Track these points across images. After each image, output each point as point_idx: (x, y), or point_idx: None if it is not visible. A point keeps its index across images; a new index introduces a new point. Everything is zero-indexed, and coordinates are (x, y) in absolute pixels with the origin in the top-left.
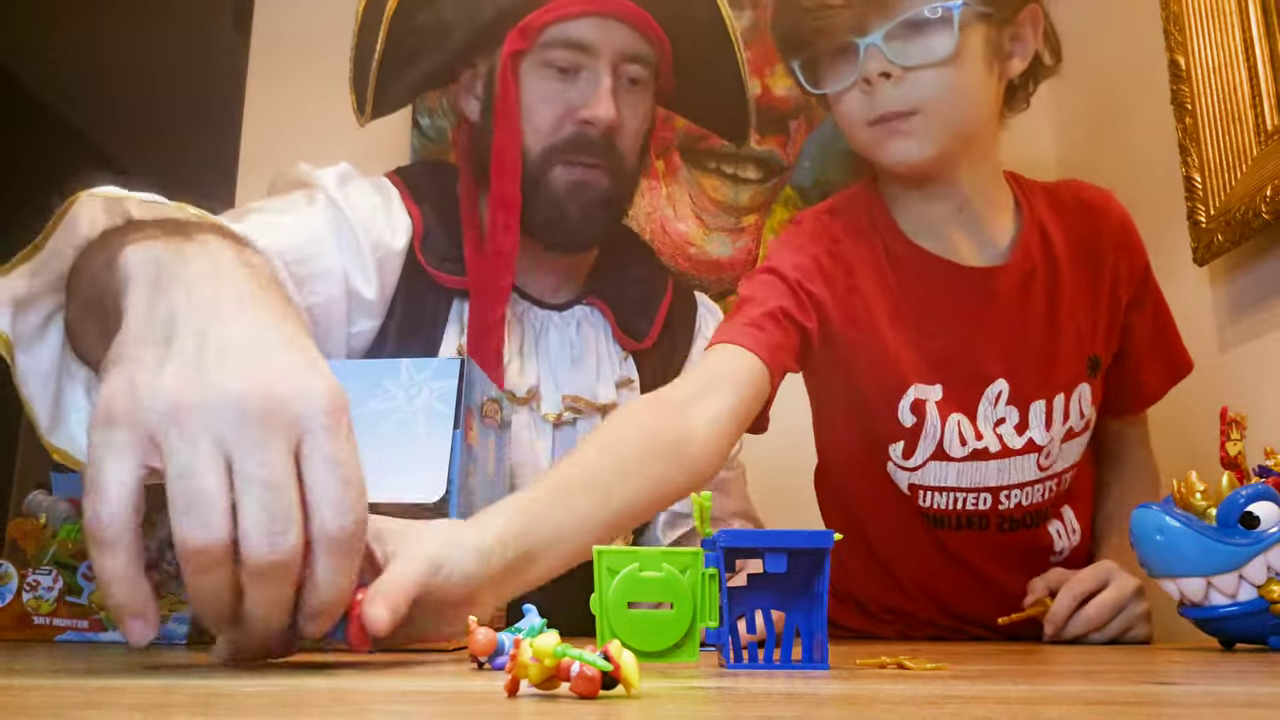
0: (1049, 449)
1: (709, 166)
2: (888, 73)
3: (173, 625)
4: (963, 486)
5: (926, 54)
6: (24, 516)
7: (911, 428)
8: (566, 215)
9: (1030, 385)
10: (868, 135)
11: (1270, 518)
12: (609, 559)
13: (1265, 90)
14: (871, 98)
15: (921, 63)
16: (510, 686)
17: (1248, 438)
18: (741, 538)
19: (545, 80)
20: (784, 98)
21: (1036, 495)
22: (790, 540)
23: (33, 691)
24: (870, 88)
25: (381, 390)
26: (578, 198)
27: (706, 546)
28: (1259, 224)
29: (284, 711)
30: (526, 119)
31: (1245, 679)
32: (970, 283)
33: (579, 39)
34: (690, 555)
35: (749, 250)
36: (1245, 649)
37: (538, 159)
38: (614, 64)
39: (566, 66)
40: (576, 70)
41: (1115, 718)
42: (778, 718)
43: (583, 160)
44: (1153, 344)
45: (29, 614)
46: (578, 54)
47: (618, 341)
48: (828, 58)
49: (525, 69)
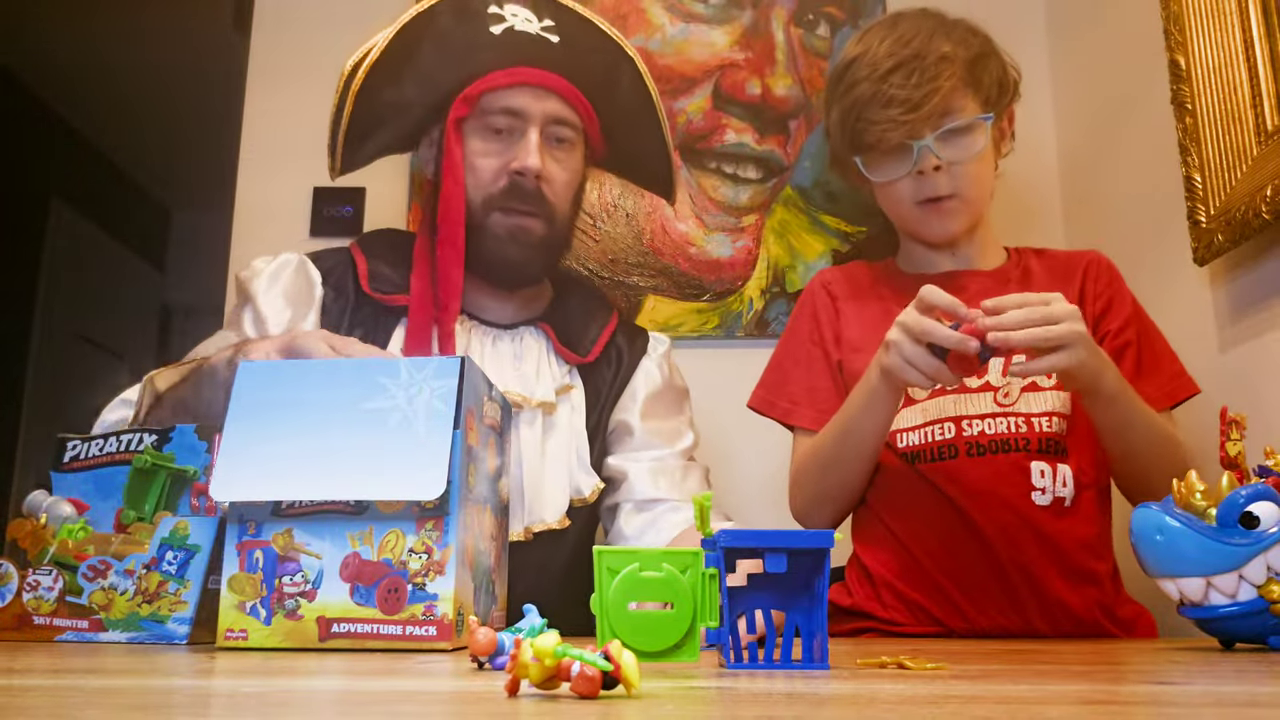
0: (1005, 389)
1: (709, 166)
2: (937, 166)
3: (172, 625)
4: (929, 420)
5: (967, 152)
6: (24, 517)
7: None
8: (508, 256)
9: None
10: (915, 213)
11: (1270, 518)
12: (609, 559)
13: (1265, 90)
14: (921, 184)
15: (963, 158)
16: (511, 686)
17: (1247, 438)
18: (742, 538)
19: (485, 141)
20: (784, 98)
21: (1001, 426)
22: (790, 540)
23: (33, 691)
24: (921, 177)
25: (381, 389)
26: (517, 240)
27: (706, 546)
28: (1259, 224)
29: (284, 711)
30: (469, 173)
31: (1245, 679)
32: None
33: (511, 105)
34: (690, 555)
35: (749, 250)
36: (1245, 649)
37: (479, 207)
38: (542, 125)
39: (502, 128)
40: (510, 131)
41: (1115, 717)
42: (778, 718)
43: (517, 207)
44: (1136, 355)
45: (29, 614)
46: (510, 118)
47: (560, 355)
48: (883, 155)
49: (468, 132)
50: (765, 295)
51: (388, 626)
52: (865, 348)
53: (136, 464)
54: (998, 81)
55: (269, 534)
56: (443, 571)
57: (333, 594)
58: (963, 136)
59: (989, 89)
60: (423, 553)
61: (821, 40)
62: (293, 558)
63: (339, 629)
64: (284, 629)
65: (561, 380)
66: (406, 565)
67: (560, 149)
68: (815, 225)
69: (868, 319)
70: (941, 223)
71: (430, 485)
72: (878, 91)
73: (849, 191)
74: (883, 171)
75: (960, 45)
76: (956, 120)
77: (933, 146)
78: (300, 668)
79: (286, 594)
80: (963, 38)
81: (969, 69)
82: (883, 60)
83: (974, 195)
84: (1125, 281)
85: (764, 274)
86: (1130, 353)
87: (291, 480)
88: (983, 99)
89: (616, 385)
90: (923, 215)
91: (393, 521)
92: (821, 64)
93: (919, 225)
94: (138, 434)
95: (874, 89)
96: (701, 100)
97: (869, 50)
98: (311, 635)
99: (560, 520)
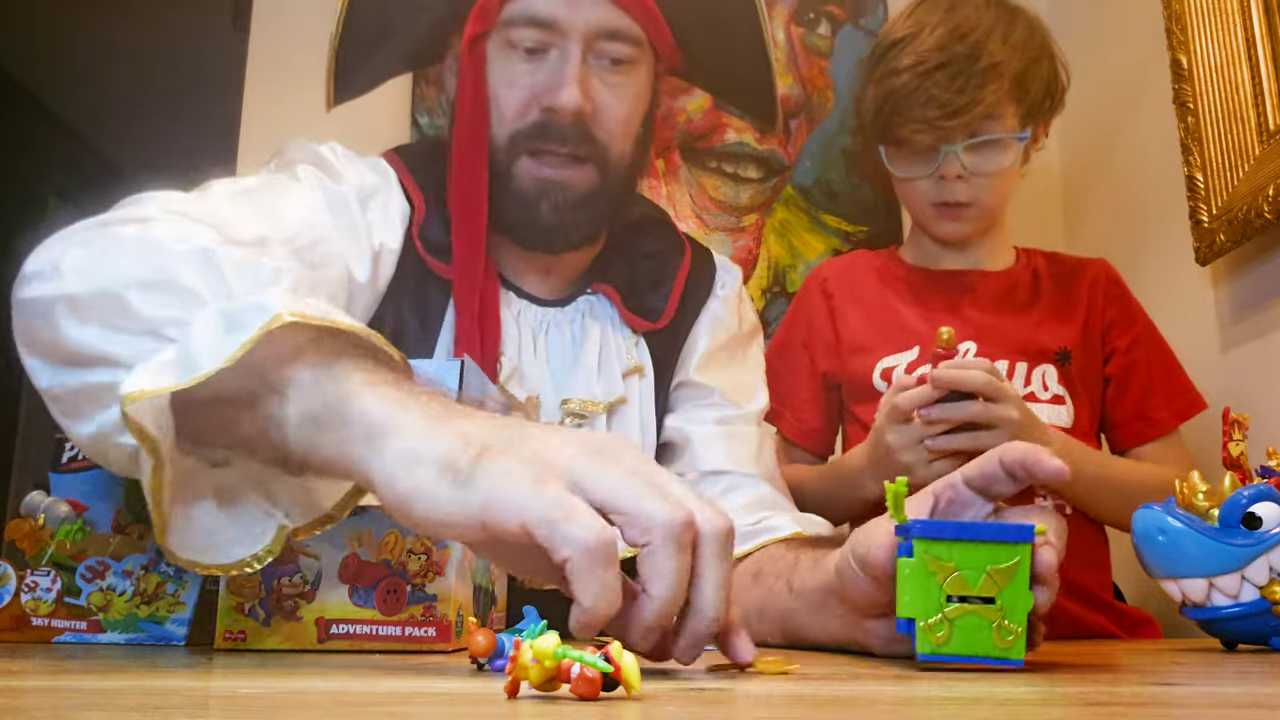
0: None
1: (709, 166)
2: (961, 175)
3: (172, 626)
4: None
5: (995, 165)
6: (22, 517)
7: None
8: (538, 216)
9: (993, 349)
10: (929, 212)
11: (1272, 518)
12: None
13: (1267, 89)
14: (941, 187)
15: (990, 171)
16: (510, 688)
17: (1250, 438)
18: (939, 529)
19: (510, 62)
20: (784, 96)
21: None
22: (990, 533)
23: (32, 692)
24: (943, 181)
25: None
26: (550, 197)
27: (900, 534)
28: (1261, 224)
29: (284, 712)
30: (492, 104)
31: (1247, 680)
32: (948, 281)
33: (542, 15)
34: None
35: (749, 250)
36: (1247, 650)
37: (504, 147)
38: (587, 42)
39: (533, 46)
40: (544, 50)
41: (1116, 718)
42: (779, 718)
43: (553, 150)
44: (1146, 374)
45: (27, 615)
46: (543, 32)
47: (627, 324)
48: (908, 152)
49: (491, 51)
50: (766, 295)
51: (387, 628)
52: (868, 347)
53: None
54: (1045, 91)
55: None
56: (442, 572)
57: (331, 595)
58: (992, 150)
59: (1034, 102)
60: (422, 553)
61: (822, 39)
62: (291, 559)
63: (338, 630)
64: (282, 630)
65: (627, 361)
66: (405, 566)
67: (616, 71)
68: (816, 225)
69: (870, 316)
70: (955, 226)
71: None
72: (919, 88)
73: (850, 190)
74: (905, 167)
75: (1016, 51)
76: (991, 134)
77: (960, 155)
78: (299, 669)
79: (285, 595)
80: (1021, 41)
81: (1018, 81)
82: (931, 53)
83: (991, 204)
84: (1131, 292)
85: (765, 274)
86: (1139, 371)
87: None
88: (1024, 112)
89: (682, 343)
90: (936, 216)
91: (392, 522)
92: (822, 63)
93: (931, 224)
94: None
95: (916, 84)
96: (702, 99)
97: (919, 34)
98: (310, 636)
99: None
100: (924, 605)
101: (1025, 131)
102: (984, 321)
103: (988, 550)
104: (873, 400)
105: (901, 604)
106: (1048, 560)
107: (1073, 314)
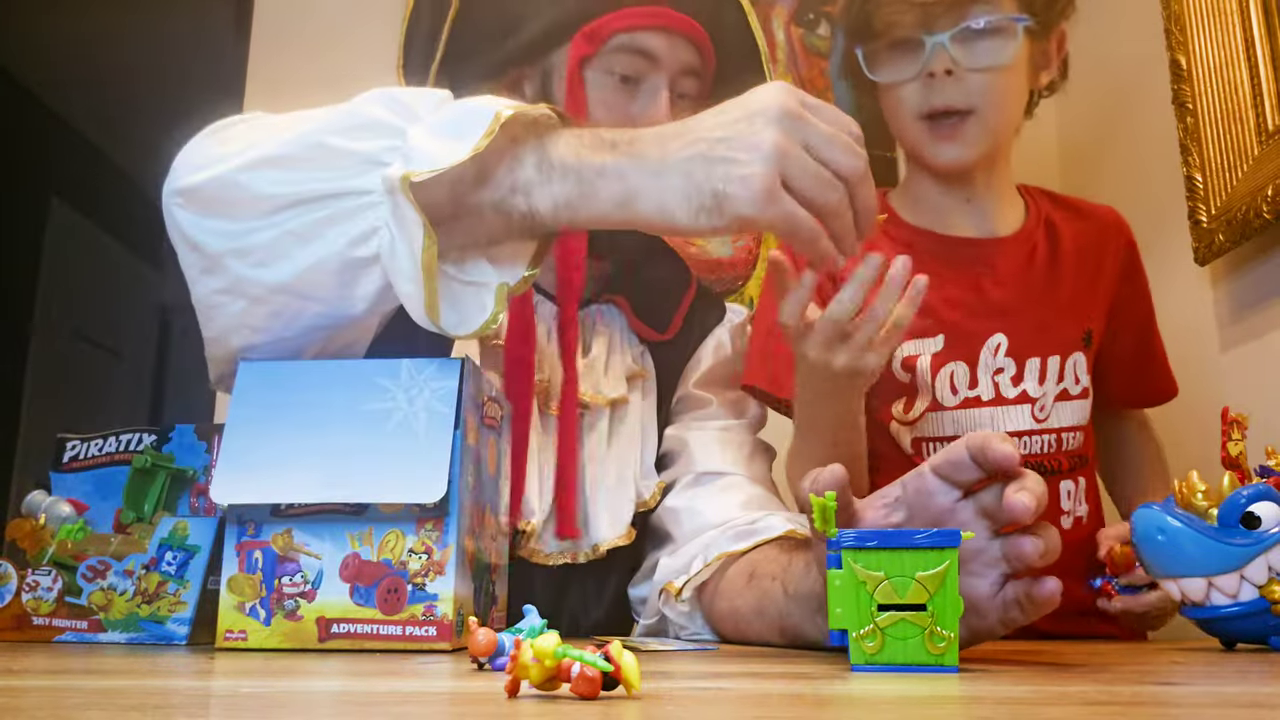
0: (1042, 402)
1: None
2: (950, 70)
3: (173, 625)
4: (960, 431)
5: (991, 58)
6: (23, 517)
7: (908, 384)
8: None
9: (1026, 343)
10: (918, 129)
11: (1271, 518)
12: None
13: (1266, 90)
14: (929, 90)
15: (985, 66)
16: (510, 687)
17: (1249, 438)
18: (865, 538)
19: (606, 88)
20: None
21: (1036, 446)
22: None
23: (33, 692)
24: (931, 81)
25: (381, 390)
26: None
27: (830, 547)
28: (1260, 224)
29: (283, 712)
30: (589, 123)
31: (1247, 679)
32: (964, 251)
33: (648, 48)
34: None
35: (749, 250)
36: (1246, 649)
37: None
38: (672, 78)
39: (630, 75)
40: (638, 80)
41: (1116, 718)
42: (778, 718)
43: None
44: (1134, 354)
45: (28, 614)
46: (643, 63)
47: (635, 332)
48: (890, 50)
49: (587, 74)
50: None
51: (387, 627)
52: None
53: (136, 464)
54: None
55: (268, 534)
56: (442, 572)
57: (332, 594)
58: (988, 39)
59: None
60: (422, 553)
61: (822, 40)
62: (292, 558)
63: (338, 629)
64: (283, 630)
65: (631, 366)
66: (406, 565)
67: (683, 105)
68: None
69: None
70: (952, 147)
71: (431, 488)
72: None
73: None
74: (887, 70)
75: None
76: (982, 17)
77: (948, 44)
78: (300, 668)
79: (286, 594)
80: None
81: None
82: None
83: (994, 119)
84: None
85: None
86: (1140, 351)
87: (291, 483)
88: (1023, 1)
89: (685, 359)
90: (929, 134)
91: (392, 522)
92: (822, 63)
93: (923, 146)
94: (137, 434)
95: None
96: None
97: None
98: (311, 636)
99: (628, 534)
100: (856, 616)
101: (1024, 16)
102: (1010, 305)
103: (914, 557)
104: (893, 396)
105: (833, 616)
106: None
107: (1095, 288)
